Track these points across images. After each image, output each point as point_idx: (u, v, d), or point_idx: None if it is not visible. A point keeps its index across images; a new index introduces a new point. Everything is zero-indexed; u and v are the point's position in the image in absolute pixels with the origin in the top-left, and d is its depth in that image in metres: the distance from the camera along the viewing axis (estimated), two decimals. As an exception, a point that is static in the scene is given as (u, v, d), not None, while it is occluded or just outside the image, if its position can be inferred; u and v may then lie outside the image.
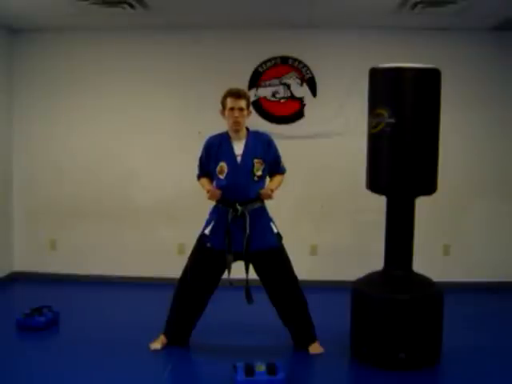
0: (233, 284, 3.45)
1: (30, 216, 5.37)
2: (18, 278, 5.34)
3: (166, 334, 3.68)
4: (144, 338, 3.71)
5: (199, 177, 3.70)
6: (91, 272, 5.27)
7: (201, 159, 3.66)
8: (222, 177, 3.50)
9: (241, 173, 3.48)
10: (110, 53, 5.22)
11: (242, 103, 3.49)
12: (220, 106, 3.57)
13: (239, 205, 3.45)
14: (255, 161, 3.51)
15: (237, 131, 3.52)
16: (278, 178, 3.66)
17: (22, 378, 3.26)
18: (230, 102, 3.48)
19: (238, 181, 3.48)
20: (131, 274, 5.24)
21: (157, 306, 3.88)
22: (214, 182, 3.57)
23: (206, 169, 3.63)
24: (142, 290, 5.03)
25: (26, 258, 5.38)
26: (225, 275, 3.51)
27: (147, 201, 5.24)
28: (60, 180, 5.31)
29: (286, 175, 3.72)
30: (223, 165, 3.50)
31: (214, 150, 3.55)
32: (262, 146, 3.56)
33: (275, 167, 3.65)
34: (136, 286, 5.14)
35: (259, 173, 3.52)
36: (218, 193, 3.48)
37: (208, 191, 3.49)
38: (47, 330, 3.97)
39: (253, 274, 3.55)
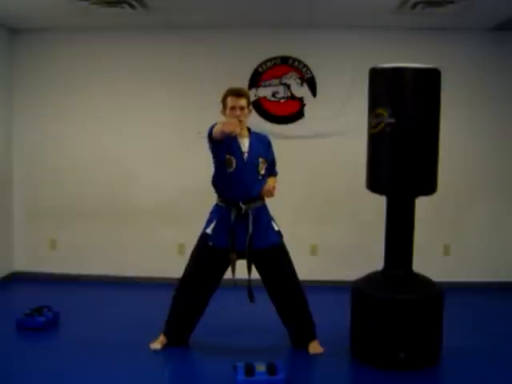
0: (237, 284, 3.43)
1: (30, 216, 5.37)
2: (18, 278, 5.34)
3: (165, 333, 3.68)
4: (144, 338, 3.71)
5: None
6: (91, 272, 5.27)
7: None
8: (230, 170, 3.45)
9: (247, 170, 3.49)
10: (110, 53, 5.22)
11: (243, 102, 3.49)
12: (220, 106, 3.57)
13: (242, 203, 3.46)
14: (260, 160, 3.52)
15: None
16: (273, 180, 3.68)
17: (22, 377, 3.25)
18: (230, 101, 3.48)
19: (244, 178, 3.48)
20: (131, 274, 5.23)
21: (157, 306, 3.87)
22: (221, 174, 3.49)
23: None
24: (142, 290, 5.03)
25: (26, 258, 5.38)
26: (229, 275, 3.50)
27: (147, 201, 5.24)
28: (60, 180, 5.31)
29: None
30: (231, 158, 3.46)
31: (228, 141, 3.40)
32: (263, 146, 3.59)
33: (271, 169, 3.68)
34: (136, 286, 5.14)
35: (262, 172, 3.54)
36: (235, 122, 3.24)
37: (224, 123, 3.22)
38: (47, 330, 3.97)
39: (253, 274, 3.54)
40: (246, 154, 3.50)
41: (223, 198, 3.53)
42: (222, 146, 3.40)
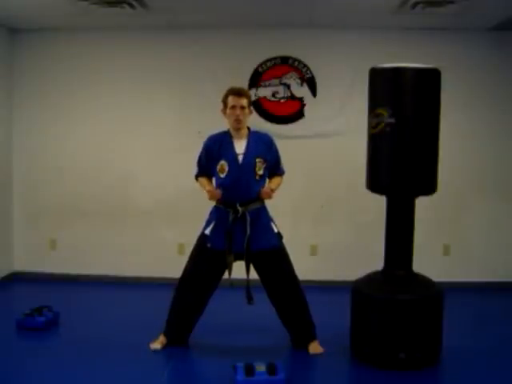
0: (233, 285, 3.45)
1: (30, 216, 5.37)
2: (18, 278, 5.34)
3: (165, 333, 3.68)
4: (144, 338, 3.71)
5: (197, 176, 3.69)
6: (91, 272, 5.27)
7: (200, 158, 3.65)
8: (222, 176, 3.50)
9: (242, 172, 3.48)
10: (109, 53, 5.22)
11: (244, 101, 3.50)
12: (221, 105, 3.57)
13: (240, 205, 3.45)
14: (257, 160, 3.51)
15: (238, 129, 3.53)
16: (277, 179, 3.66)
17: (22, 377, 3.25)
18: (231, 101, 3.49)
19: (240, 180, 3.47)
20: (131, 274, 5.24)
21: (157, 305, 3.88)
22: (215, 181, 3.57)
23: (204, 168, 3.63)
24: (142, 290, 5.03)
25: (25, 258, 5.38)
26: (225, 276, 3.51)
27: (147, 201, 5.24)
28: (60, 180, 5.31)
29: (286, 175, 3.73)
30: (224, 163, 3.50)
31: (215, 149, 3.54)
32: (263, 146, 3.57)
33: (275, 168, 3.66)
34: (136, 286, 5.14)
35: (261, 172, 3.52)
36: (218, 193, 3.48)
37: (208, 192, 3.49)
38: (47, 330, 3.97)
39: (252, 275, 3.55)
40: (241, 156, 3.50)
41: (221, 200, 3.53)
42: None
